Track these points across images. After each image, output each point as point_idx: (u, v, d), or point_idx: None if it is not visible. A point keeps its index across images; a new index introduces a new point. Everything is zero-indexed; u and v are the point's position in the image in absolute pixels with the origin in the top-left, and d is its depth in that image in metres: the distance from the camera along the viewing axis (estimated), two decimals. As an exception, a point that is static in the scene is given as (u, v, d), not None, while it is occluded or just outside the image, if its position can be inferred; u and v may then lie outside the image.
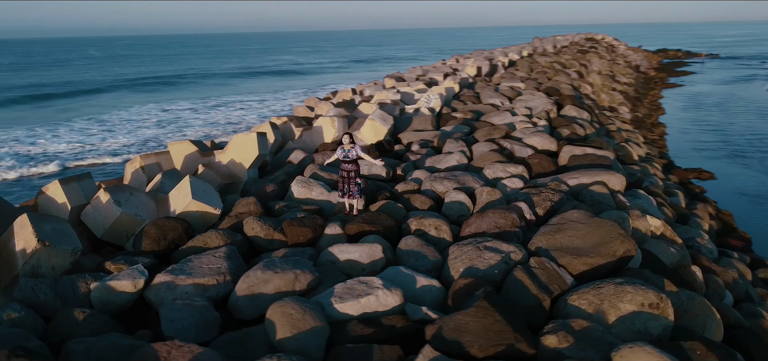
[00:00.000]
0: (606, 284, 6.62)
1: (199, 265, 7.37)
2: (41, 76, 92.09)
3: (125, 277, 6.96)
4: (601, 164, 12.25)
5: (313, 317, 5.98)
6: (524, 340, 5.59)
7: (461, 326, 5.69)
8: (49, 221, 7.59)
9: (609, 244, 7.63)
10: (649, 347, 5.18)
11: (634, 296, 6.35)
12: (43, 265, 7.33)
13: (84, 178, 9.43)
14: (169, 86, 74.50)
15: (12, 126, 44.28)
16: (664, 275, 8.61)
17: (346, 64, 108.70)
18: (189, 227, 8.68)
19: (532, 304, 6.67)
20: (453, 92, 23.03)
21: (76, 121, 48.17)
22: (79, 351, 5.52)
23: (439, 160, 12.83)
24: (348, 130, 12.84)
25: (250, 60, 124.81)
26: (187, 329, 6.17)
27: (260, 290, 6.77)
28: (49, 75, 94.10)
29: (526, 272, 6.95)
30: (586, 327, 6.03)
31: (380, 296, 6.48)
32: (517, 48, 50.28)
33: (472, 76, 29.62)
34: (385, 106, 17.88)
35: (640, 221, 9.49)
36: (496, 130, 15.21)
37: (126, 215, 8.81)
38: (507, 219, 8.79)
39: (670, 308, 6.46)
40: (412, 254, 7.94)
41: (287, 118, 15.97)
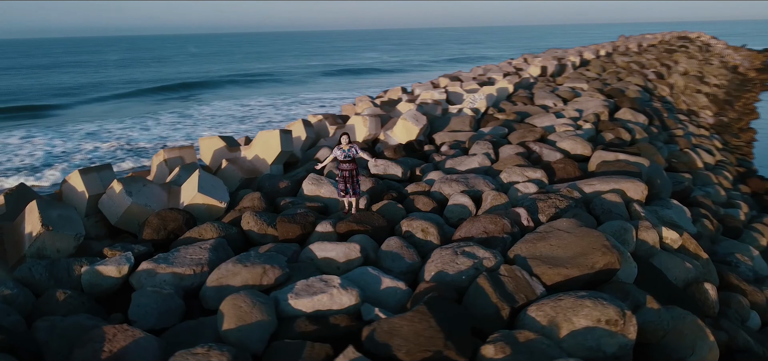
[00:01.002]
0: (567, 296, 6.39)
1: (184, 255, 7.77)
2: (142, 72, 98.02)
3: (112, 263, 7.47)
4: (628, 172, 11.68)
5: (260, 311, 6.18)
6: (454, 348, 5.52)
7: (394, 330, 5.70)
8: (56, 208, 8.27)
9: (589, 255, 7.33)
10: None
11: (592, 311, 6.10)
12: (47, 248, 8.00)
13: (104, 169, 10.17)
14: (255, 83, 77.30)
15: (119, 118, 47.32)
16: (665, 292, 8.19)
17: (428, 63, 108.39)
18: (190, 219, 9.15)
19: (489, 312, 6.55)
20: (506, 93, 22.60)
21: (162, 114, 51.08)
22: (43, 329, 6.03)
23: (461, 162, 12.70)
24: (345, 130, 12.94)
25: (334, 57, 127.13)
26: (149, 315, 6.56)
27: (228, 282, 7.06)
28: (150, 71, 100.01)
29: (490, 280, 6.82)
30: (532, 340, 5.87)
31: (334, 294, 6.59)
32: (596, 47, 48.33)
33: (534, 76, 28.87)
34: (425, 105, 17.86)
35: (648, 232, 9.01)
36: (530, 133, 14.83)
37: (136, 205, 9.42)
38: (497, 225, 8.63)
39: (633, 326, 6.16)
40: (390, 255, 7.98)
41: (322, 116, 16.31)
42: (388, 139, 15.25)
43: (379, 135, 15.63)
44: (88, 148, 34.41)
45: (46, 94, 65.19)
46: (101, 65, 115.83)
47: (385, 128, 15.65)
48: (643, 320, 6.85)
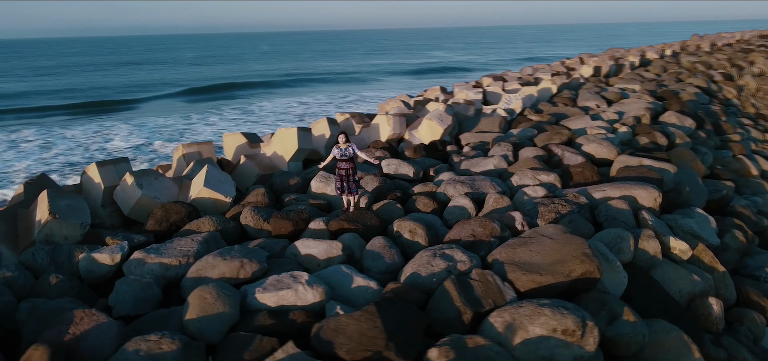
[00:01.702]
0: (528, 304, 6.27)
1: (175, 246, 8.13)
2: (214, 69, 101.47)
3: (106, 251, 7.92)
4: (647, 178, 11.22)
5: (223, 304, 6.40)
6: (394, 350, 5.53)
7: (340, 328, 5.78)
8: (66, 198, 8.83)
9: (568, 263, 7.14)
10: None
11: (549, 320, 5.96)
12: (55, 235, 8.55)
13: (121, 162, 10.74)
14: (319, 81, 78.62)
15: (185, 114, 49.33)
16: (659, 304, 7.86)
17: (494, 62, 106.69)
18: (193, 212, 9.53)
19: (451, 316, 6.50)
20: (549, 93, 22.06)
21: (226, 110, 52.85)
22: (25, 309, 6.48)
23: (477, 163, 12.56)
24: (343, 130, 12.95)
25: (401, 56, 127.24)
26: (125, 302, 6.92)
27: (206, 274, 7.33)
28: (222, 68, 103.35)
29: (456, 283, 6.76)
30: (481, 346, 5.80)
31: (300, 291, 6.73)
32: (662, 47, 46.22)
33: (586, 76, 28.00)
34: (457, 106, 17.72)
35: (650, 242, 8.63)
36: (557, 135, 14.45)
37: (145, 197, 9.90)
38: (486, 228, 8.53)
39: (593, 338, 5.98)
40: (371, 254, 8.04)
41: (349, 115, 16.48)
42: (412, 139, 15.26)
43: (403, 134, 15.66)
44: (151, 142, 36.19)
45: (125, 90, 68.59)
46: (177, 63, 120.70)
47: (411, 128, 15.65)
48: (616, 333, 6.65)
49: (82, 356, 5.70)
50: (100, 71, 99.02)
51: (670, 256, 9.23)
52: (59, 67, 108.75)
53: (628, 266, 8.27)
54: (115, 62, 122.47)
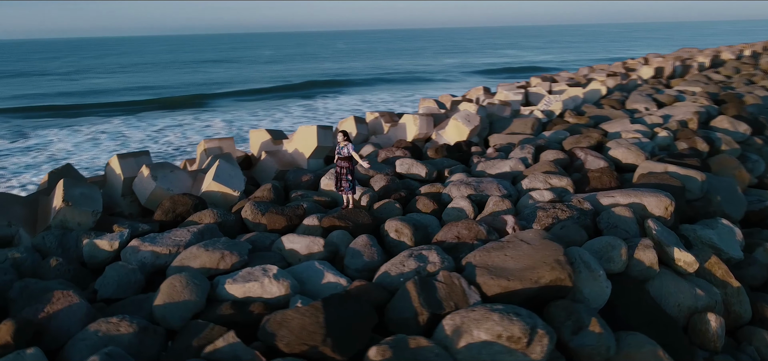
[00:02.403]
0: (481, 308, 6.21)
1: (170, 236, 8.56)
2: (289, 67, 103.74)
3: (107, 238, 8.46)
4: (666, 185, 10.72)
5: (190, 292, 6.72)
6: (331, 346, 5.64)
7: (285, 322, 5.94)
8: (81, 187, 9.48)
9: (537, 269, 7.00)
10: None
11: (495, 325, 5.89)
12: (69, 221, 9.21)
13: (141, 155, 11.38)
14: (388, 80, 78.91)
15: (253, 111, 51.00)
16: (646, 316, 7.57)
17: (568, 62, 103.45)
18: (199, 204, 9.98)
19: (407, 316, 6.53)
20: (598, 95, 21.32)
21: (292, 107, 54.08)
22: (17, 288, 7.05)
23: (493, 165, 12.39)
24: (342, 128, 13.01)
25: (474, 55, 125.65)
26: (109, 285, 7.38)
27: (189, 264, 7.70)
28: (296, 66, 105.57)
29: (418, 285, 6.77)
30: (422, 347, 5.82)
31: (265, 284, 6.96)
32: (741, 47, 43.43)
33: (644, 77, 26.81)
34: (491, 106, 17.48)
35: (646, 252, 8.25)
36: (586, 139, 14.01)
37: (160, 189, 10.46)
38: (470, 231, 8.48)
39: (541, 347, 5.86)
40: (352, 252, 8.16)
41: (378, 114, 16.61)
42: (439, 139, 15.22)
43: (431, 134, 15.63)
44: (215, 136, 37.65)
45: (202, 86, 71.41)
46: (254, 61, 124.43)
47: (438, 128, 15.61)
48: (580, 343, 6.47)
49: (50, 332, 6.17)
50: (181, 68, 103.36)
51: (675, 268, 8.79)
52: (146, 65, 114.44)
53: (619, 277, 8.00)
54: (198, 60, 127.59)
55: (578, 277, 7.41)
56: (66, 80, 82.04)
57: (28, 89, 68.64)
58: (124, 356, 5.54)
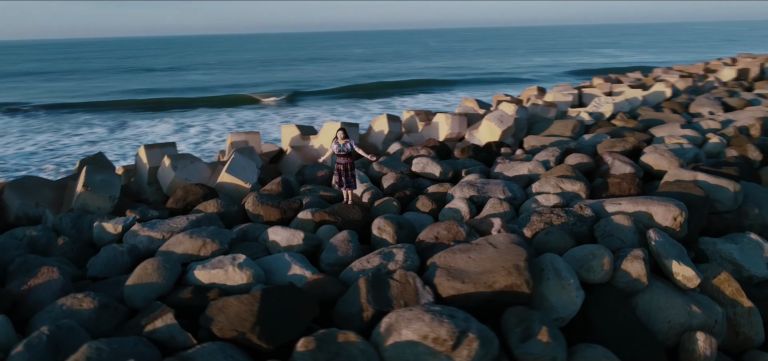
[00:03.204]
0: (417, 308, 6.20)
1: (168, 223, 9.13)
2: (377, 66, 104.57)
3: (112, 222, 9.15)
4: (687, 194, 10.06)
5: (159, 275, 7.16)
6: (257, 333, 5.85)
7: (224, 308, 6.21)
8: (101, 173, 10.27)
9: (493, 274, 6.88)
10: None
11: (423, 326, 5.87)
12: (89, 204, 10.03)
13: (167, 146, 12.12)
14: (472, 81, 77.82)
15: (332, 107, 52.29)
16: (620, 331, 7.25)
17: (664, 62, 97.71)
18: (210, 193, 10.52)
19: (353, 311, 6.63)
20: (662, 97, 20.15)
21: (371, 105, 54.76)
22: (17, 263, 7.81)
23: (511, 167, 12.12)
24: (341, 126, 12.95)
25: (568, 55, 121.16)
26: (98, 265, 8.00)
27: (173, 249, 8.17)
28: (385, 65, 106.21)
29: (371, 282, 6.84)
30: (349, 342, 5.91)
31: (229, 271, 7.28)
32: None
33: (724, 79, 24.94)
34: (535, 107, 17.02)
35: (633, 263, 7.81)
36: (622, 143, 13.34)
37: (178, 178, 11.12)
38: (450, 232, 8.42)
39: (468, 351, 5.78)
40: (330, 246, 8.34)
41: (414, 112, 16.59)
42: (471, 139, 15.03)
43: (464, 134, 15.44)
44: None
45: (290, 83, 73.58)
46: (345, 59, 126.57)
47: (472, 128, 15.41)
48: (525, 351, 6.32)
49: (26, 303, 6.81)
50: (276, 65, 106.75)
51: (675, 282, 8.28)
52: (242, 62, 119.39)
53: (602, 287, 7.68)
54: (291, 58, 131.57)
55: (546, 284, 7.20)
56: (168, 76, 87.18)
57: (135, 84, 73.63)
58: (75, 328, 6.03)
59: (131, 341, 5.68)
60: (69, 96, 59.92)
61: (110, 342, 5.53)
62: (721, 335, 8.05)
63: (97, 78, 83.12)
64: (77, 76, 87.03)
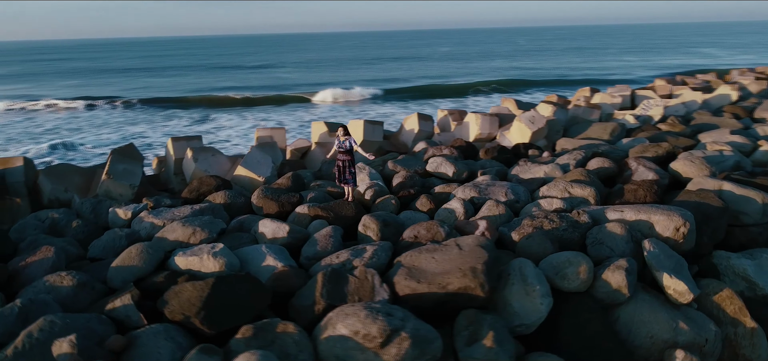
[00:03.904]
0: (361, 305, 6.28)
1: (172, 211, 9.67)
2: (459, 65, 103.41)
3: (123, 208, 9.82)
4: (702, 204, 9.46)
5: (140, 259, 7.63)
6: (201, 318, 6.13)
7: (179, 292, 6.54)
8: (124, 163, 11.02)
9: (449, 275, 6.84)
10: None
11: (356, 322, 5.95)
12: (112, 191, 10.80)
13: (193, 139, 12.75)
14: (555, 83, 75.20)
15: (404, 104, 52.50)
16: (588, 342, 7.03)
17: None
18: (222, 185, 11.01)
19: (306, 304, 6.80)
20: (726, 100, 18.82)
21: (440, 103, 54.41)
22: (27, 242, 8.58)
23: (528, 170, 11.83)
24: (343, 124, 12.86)
25: (663, 55, 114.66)
26: (97, 247, 8.63)
27: (166, 236, 8.67)
28: (467, 64, 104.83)
29: (329, 277, 6.97)
30: (287, 333, 6.10)
31: (204, 259, 7.64)
32: None
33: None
34: (578, 109, 16.43)
35: (613, 274, 7.46)
36: (654, 148, 12.68)
37: (198, 170, 11.72)
38: (429, 232, 8.42)
39: (396, 349, 5.80)
40: (311, 240, 8.55)
41: (447, 111, 16.44)
42: (502, 140, 14.75)
43: (495, 135, 15.16)
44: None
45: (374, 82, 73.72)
46: (427, 58, 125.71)
47: (502, 128, 15.11)
48: (468, 355, 6.34)
49: (20, 278, 7.48)
50: (365, 64, 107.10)
51: (667, 296, 7.85)
52: (329, 60, 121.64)
53: (576, 296, 7.43)
54: (379, 57, 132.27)
55: (510, 289, 7.08)
56: (255, 73, 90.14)
57: (222, 81, 76.80)
58: (49, 303, 6.59)
59: (85, 318, 6.13)
60: (162, 90, 63.26)
61: (64, 317, 6.00)
62: (714, 355, 7.57)
63: (189, 74, 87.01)
64: (172, 72, 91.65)
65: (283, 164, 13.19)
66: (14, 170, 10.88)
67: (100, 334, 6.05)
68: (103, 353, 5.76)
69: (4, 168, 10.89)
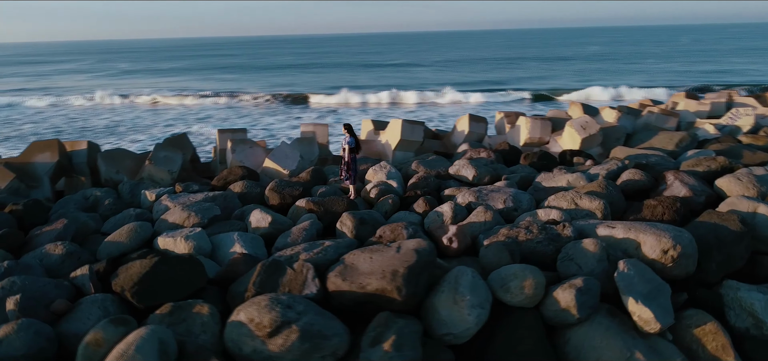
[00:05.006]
0: (267, 295, 6.57)
1: (186, 197, 10.58)
2: (607, 65, 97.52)
3: (151, 191, 10.92)
4: (721, 226, 8.49)
5: (128, 237, 8.55)
6: (131, 292, 6.78)
7: (130, 268, 7.21)
8: (166, 151, 12.21)
9: (371, 275, 6.93)
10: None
11: (253, 311, 6.27)
12: (154, 176, 12.03)
13: (238, 131, 13.69)
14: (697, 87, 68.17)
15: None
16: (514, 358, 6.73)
17: None
18: (248, 175, 11.79)
19: (240, 291, 7.22)
20: None
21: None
22: (56, 215, 9.90)
23: (550, 178, 11.27)
24: (347, 123, 12.53)
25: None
26: (109, 224, 9.74)
27: (167, 218, 9.57)
28: (612, 66, 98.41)
29: (267, 267, 7.33)
30: (198, 314, 6.57)
31: (177, 241, 8.39)
32: None
33: None
34: (651, 115, 15.14)
35: (563, 293, 7.00)
36: (706, 163, 11.41)
37: (235, 160, 12.64)
38: (393, 233, 8.53)
39: (282, 340, 6.04)
40: (286, 233, 8.97)
41: (504, 114, 15.85)
42: (552, 145, 14.06)
43: (546, 139, 14.42)
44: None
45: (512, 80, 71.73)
46: (575, 57, 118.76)
47: (554, 134, 14.36)
48: (365, 357, 6.31)
49: (32, 244, 8.72)
50: (511, 63, 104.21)
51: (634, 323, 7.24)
52: (481, 59, 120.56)
53: (521, 311, 7.13)
54: (524, 57, 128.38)
55: (438, 296, 6.99)
56: (395, 71, 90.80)
57: (359, 79, 78.18)
58: (33, 266, 7.67)
59: (44, 282, 7.08)
60: (304, 87, 65.35)
61: (25, 278, 6.98)
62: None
63: (334, 71, 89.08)
64: (316, 69, 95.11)
65: (325, 159, 13.71)
66: (79, 152, 12.57)
67: (52, 297, 6.93)
68: (46, 314, 6.63)
69: (72, 150, 12.63)
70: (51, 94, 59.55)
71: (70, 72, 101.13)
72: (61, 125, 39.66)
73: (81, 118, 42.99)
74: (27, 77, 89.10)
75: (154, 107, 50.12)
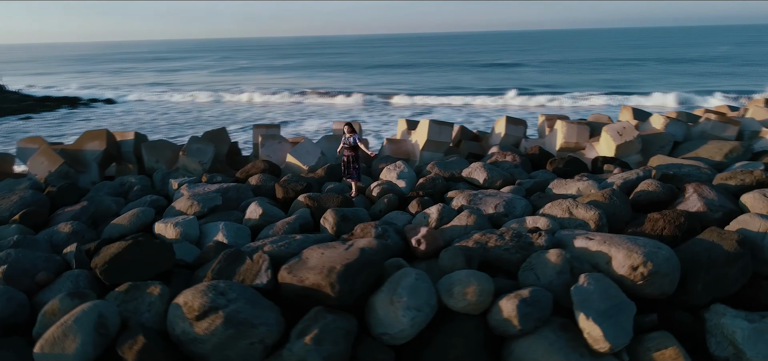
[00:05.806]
0: (207, 283, 6.96)
1: (203, 187, 11.29)
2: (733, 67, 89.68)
3: (177, 180, 11.77)
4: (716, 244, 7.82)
5: (129, 221, 9.36)
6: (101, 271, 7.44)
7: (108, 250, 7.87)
8: (199, 143, 13.07)
9: (312, 270, 7.15)
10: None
11: (191, 294, 6.70)
12: (188, 166, 12.95)
13: (272, 127, 14.29)
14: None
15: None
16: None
17: None
18: (269, 169, 12.36)
19: (202, 275, 7.71)
20: None
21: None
22: (89, 195, 10.97)
23: (563, 185, 10.82)
24: (348, 122, 12.14)
25: None
26: (125, 209, 10.63)
27: (175, 206, 10.32)
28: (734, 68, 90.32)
29: (229, 256, 7.75)
30: (148, 294, 7.10)
31: (167, 227, 9.06)
32: None
33: None
34: (706, 123, 13.97)
35: (507, 303, 6.81)
36: (740, 176, 10.42)
37: (263, 154, 13.29)
38: (363, 231, 8.65)
39: (207, 323, 6.43)
40: (270, 226, 9.36)
41: (545, 117, 15.20)
42: (589, 151, 13.39)
43: (583, 144, 13.70)
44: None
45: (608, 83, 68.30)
46: (700, 59, 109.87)
47: (592, 139, 13.63)
48: (288, 348, 6.56)
49: (53, 222, 9.76)
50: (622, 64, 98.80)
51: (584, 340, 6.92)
52: (596, 59, 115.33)
53: (464, 317, 7.06)
54: (635, 58, 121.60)
55: (377, 295, 7.09)
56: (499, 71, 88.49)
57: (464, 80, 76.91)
58: (38, 242, 8.62)
59: (36, 256, 7.94)
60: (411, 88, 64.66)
61: (19, 251, 7.87)
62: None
63: (447, 72, 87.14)
64: (430, 68, 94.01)
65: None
66: (127, 142, 13.79)
67: (40, 270, 7.79)
68: (31, 284, 7.47)
69: (120, 140, 13.87)
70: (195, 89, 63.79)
71: (196, 68, 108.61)
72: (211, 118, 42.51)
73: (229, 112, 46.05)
74: (158, 73, 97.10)
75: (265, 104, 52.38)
